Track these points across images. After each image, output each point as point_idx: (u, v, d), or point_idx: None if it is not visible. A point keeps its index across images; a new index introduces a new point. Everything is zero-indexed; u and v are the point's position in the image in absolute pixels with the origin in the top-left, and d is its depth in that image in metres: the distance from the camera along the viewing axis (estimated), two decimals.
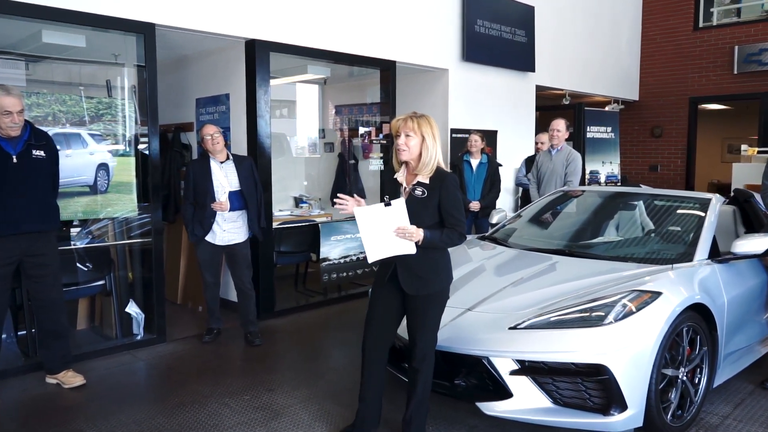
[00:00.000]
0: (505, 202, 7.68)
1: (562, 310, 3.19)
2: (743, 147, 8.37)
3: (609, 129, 9.56)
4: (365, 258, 6.45)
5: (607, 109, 10.10)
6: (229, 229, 4.82)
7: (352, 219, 6.48)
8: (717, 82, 9.90)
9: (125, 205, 4.73)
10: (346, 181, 7.73)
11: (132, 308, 4.89)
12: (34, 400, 3.85)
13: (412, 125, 2.95)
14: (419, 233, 2.88)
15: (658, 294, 3.19)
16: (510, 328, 3.18)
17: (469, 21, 7.01)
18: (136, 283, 5.08)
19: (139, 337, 4.90)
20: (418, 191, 2.97)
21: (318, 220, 6.72)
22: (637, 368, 3.02)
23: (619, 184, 9.50)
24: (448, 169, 3.15)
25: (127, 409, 3.67)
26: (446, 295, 3.11)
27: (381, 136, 6.65)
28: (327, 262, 6.14)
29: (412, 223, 2.89)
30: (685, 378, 3.35)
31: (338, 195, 3.03)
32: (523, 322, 3.19)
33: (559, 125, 5.92)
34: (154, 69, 4.74)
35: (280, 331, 5.31)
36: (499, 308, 3.38)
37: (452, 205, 2.97)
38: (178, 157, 6.25)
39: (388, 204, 2.90)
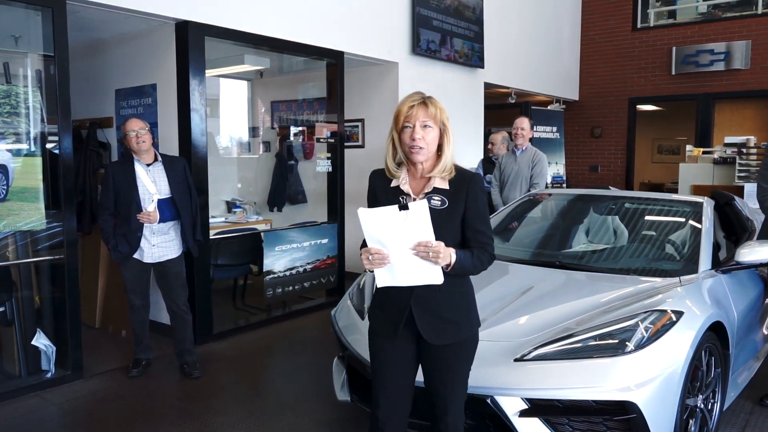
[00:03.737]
0: None
1: (574, 336, 2.74)
2: (688, 147, 8.36)
3: (555, 129, 9.35)
4: (313, 269, 5.94)
5: (549, 108, 9.90)
6: (159, 243, 4.10)
7: (298, 226, 5.96)
8: (656, 82, 9.91)
9: (29, 214, 3.90)
10: (285, 184, 7.13)
11: (40, 340, 4.06)
12: None
13: (433, 111, 2.13)
14: (449, 254, 2.05)
15: (680, 314, 2.80)
16: (515, 360, 2.69)
17: (419, 12, 6.53)
18: (44, 308, 4.25)
19: (49, 375, 4.07)
20: (436, 200, 2.13)
21: (258, 227, 6.05)
22: (664, 402, 2.61)
23: (564, 185, 9.31)
24: None
25: None
26: (478, 339, 2.32)
27: (329, 134, 6.04)
28: (271, 276, 5.46)
29: None
30: (702, 405, 2.98)
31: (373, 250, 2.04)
32: (530, 352, 2.71)
33: (524, 123, 5.55)
34: (65, 53, 3.94)
35: (221, 358, 4.61)
36: (496, 334, 2.88)
37: (482, 218, 2.18)
38: (95, 157, 5.39)
39: (404, 207, 2.01)
